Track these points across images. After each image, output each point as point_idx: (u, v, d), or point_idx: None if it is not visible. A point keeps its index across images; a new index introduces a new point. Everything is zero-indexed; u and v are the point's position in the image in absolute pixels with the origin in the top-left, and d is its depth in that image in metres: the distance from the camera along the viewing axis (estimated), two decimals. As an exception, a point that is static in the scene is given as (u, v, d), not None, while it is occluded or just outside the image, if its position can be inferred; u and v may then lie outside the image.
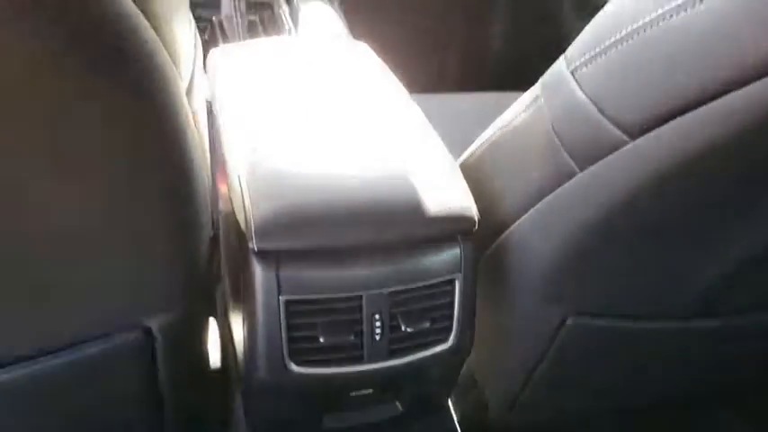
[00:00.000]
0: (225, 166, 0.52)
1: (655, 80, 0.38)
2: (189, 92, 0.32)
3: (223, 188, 0.55)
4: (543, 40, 1.53)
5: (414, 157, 0.52)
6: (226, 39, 0.95)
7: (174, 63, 0.27)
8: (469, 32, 1.60)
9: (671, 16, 0.36)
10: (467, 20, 1.58)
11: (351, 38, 0.97)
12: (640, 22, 0.39)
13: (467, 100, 1.07)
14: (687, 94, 0.36)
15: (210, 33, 0.98)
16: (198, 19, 0.79)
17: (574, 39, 0.46)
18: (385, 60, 0.69)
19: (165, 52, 0.26)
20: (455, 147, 0.59)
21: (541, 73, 0.51)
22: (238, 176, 0.48)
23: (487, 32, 1.60)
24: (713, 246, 0.46)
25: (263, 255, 0.44)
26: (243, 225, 0.46)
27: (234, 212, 0.48)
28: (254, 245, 0.44)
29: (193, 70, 0.34)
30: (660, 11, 0.37)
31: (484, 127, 0.58)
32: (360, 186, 0.48)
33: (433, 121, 0.59)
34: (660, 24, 0.37)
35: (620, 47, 0.40)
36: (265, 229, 0.44)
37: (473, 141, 0.60)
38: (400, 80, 0.65)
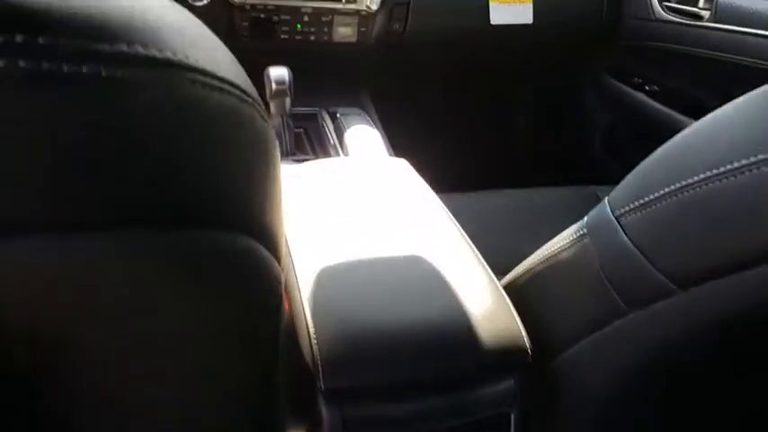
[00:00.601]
0: (286, 289, 0.55)
1: (703, 238, 0.40)
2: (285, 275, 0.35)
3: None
4: (563, 141, 1.60)
5: (463, 284, 0.54)
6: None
7: (277, 260, 0.31)
8: (496, 136, 1.68)
9: (720, 180, 0.38)
10: (493, 126, 1.67)
11: (389, 146, 1.03)
12: (689, 181, 0.41)
13: (498, 196, 1.11)
14: (737, 256, 0.38)
15: None
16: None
17: (589, 140, 0.49)
18: (419, 164, 0.74)
19: (274, 262, 0.29)
20: (492, 241, 0.63)
21: (562, 171, 0.54)
22: (303, 309, 0.51)
23: (517, 135, 1.68)
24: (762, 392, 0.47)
25: (329, 392, 0.47)
26: (309, 361, 0.48)
27: (297, 340, 0.51)
28: (321, 383, 0.46)
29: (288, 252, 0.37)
30: (709, 173, 0.39)
31: (515, 222, 0.61)
32: (418, 321, 0.50)
33: (466, 217, 0.63)
34: (709, 185, 0.39)
35: (667, 201, 0.43)
36: (333, 369, 0.46)
37: (504, 235, 0.63)
38: (434, 181, 0.69)
